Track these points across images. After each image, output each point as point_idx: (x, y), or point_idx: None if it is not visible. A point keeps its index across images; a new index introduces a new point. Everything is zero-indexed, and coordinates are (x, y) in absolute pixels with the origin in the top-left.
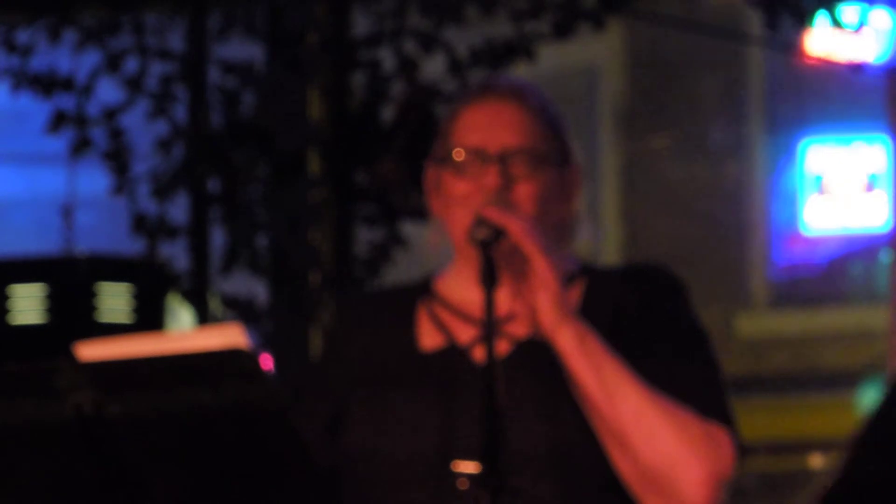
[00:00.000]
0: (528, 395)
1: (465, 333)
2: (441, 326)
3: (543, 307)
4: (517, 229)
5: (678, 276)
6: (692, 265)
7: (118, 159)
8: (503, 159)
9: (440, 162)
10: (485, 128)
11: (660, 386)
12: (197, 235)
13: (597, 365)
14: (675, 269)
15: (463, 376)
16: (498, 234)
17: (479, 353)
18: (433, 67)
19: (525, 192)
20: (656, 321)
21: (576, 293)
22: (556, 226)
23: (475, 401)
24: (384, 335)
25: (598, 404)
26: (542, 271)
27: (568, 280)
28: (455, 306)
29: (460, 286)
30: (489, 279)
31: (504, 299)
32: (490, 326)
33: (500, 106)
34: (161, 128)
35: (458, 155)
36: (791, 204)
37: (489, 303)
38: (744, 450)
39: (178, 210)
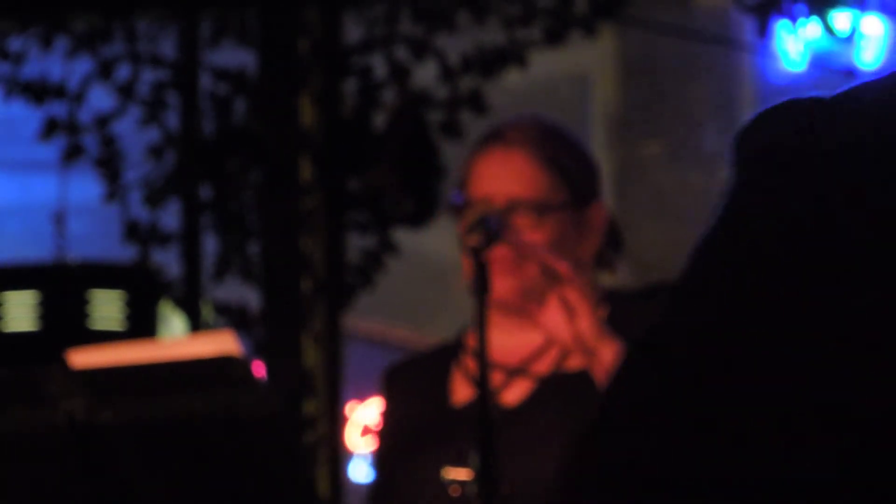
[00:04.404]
0: (551, 432)
1: (492, 380)
2: (470, 378)
3: (584, 328)
4: (561, 266)
5: None
6: None
7: (110, 166)
8: (508, 211)
9: (456, 211)
10: (492, 179)
11: None
12: (189, 242)
13: None
14: (667, 276)
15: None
16: (490, 240)
17: (505, 397)
18: (425, 74)
19: (531, 240)
20: None
21: None
22: (575, 264)
23: (503, 443)
24: (422, 398)
25: None
26: (579, 297)
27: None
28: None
29: (490, 333)
30: (481, 286)
31: (528, 341)
32: (482, 334)
33: (507, 156)
34: (153, 135)
35: (465, 206)
36: None
37: (481, 310)
38: None
39: (171, 217)
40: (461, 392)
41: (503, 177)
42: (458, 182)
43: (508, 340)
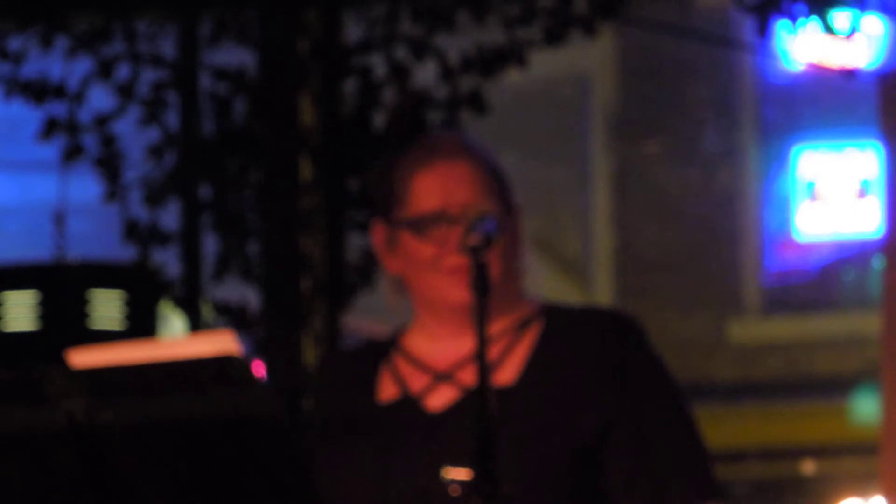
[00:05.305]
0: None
1: (417, 383)
2: (398, 378)
3: None
4: None
5: (637, 324)
6: (684, 271)
7: (110, 166)
8: (466, 218)
9: (399, 226)
10: (441, 190)
11: (647, 459)
12: (189, 242)
13: None
14: (667, 276)
15: (411, 425)
16: (489, 240)
17: (429, 401)
18: (425, 74)
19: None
20: (624, 381)
21: (531, 336)
22: (514, 268)
23: (421, 449)
24: (350, 390)
25: None
26: None
27: (523, 324)
28: (414, 357)
29: (424, 338)
30: (481, 285)
31: (457, 347)
32: (482, 337)
33: (451, 166)
34: (153, 134)
35: (421, 220)
36: (783, 210)
37: (481, 310)
38: (736, 456)
39: (170, 217)
40: (386, 390)
41: (453, 186)
42: (395, 200)
43: (438, 345)
